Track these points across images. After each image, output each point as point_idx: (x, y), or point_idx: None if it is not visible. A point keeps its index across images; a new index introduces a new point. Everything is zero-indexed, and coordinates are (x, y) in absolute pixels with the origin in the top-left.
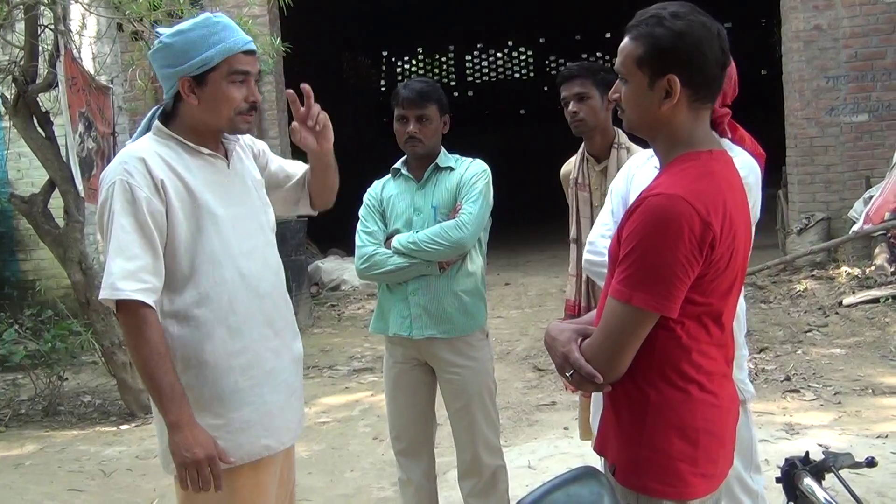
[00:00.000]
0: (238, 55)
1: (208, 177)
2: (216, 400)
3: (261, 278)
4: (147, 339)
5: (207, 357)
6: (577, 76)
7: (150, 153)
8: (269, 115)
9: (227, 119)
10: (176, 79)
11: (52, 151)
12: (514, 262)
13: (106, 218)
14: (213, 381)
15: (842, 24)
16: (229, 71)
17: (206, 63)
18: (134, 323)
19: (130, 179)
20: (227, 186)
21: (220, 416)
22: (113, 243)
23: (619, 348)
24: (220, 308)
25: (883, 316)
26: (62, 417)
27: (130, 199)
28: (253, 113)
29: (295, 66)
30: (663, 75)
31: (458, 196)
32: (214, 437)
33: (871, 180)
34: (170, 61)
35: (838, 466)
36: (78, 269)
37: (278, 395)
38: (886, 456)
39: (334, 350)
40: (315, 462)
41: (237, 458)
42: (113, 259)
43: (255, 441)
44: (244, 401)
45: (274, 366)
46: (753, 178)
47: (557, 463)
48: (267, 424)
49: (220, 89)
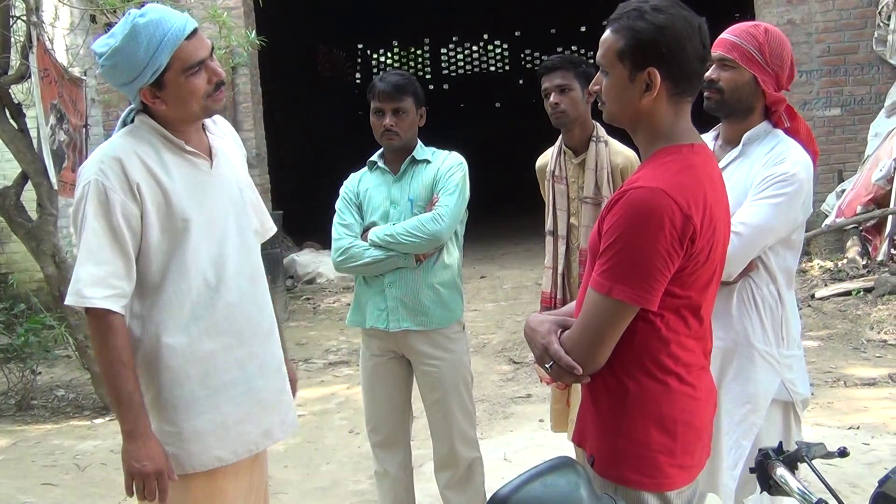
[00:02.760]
0: (183, 45)
1: (187, 179)
2: (171, 407)
3: (229, 287)
4: (111, 346)
5: (166, 364)
6: (558, 68)
7: (127, 153)
8: (244, 108)
9: (199, 107)
10: (136, 91)
11: (25, 143)
12: (490, 255)
13: (79, 218)
14: (170, 388)
15: (815, 18)
16: (182, 67)
17: (156, 69)
18: (99, 329)
19: (105, 181)
20: (205, 189)
21: (174, 424)
22: (83, 247)
23: (599, 340)
24: (181, 316)
25: (855, 308)
26: (35, 412)
27: (104, 202)
28: (222, 89)
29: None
30: (644, 68)
31: (435, 189)
32: (166, 445)
33: (844, 174)
34: (122, 79)
35: (811, 456)
36: (51, 263)
37: (237, 407)
38: (858, 447)
39: (310, 343)
40: (291, 455)
41: (189, 467)
42: (82, 265)
43: (208, 451)
44: (199, 410)
45: (235, 377)
46: (805, 174)
47: (533, 455)
48: (221, 436)
49: (182, 85)
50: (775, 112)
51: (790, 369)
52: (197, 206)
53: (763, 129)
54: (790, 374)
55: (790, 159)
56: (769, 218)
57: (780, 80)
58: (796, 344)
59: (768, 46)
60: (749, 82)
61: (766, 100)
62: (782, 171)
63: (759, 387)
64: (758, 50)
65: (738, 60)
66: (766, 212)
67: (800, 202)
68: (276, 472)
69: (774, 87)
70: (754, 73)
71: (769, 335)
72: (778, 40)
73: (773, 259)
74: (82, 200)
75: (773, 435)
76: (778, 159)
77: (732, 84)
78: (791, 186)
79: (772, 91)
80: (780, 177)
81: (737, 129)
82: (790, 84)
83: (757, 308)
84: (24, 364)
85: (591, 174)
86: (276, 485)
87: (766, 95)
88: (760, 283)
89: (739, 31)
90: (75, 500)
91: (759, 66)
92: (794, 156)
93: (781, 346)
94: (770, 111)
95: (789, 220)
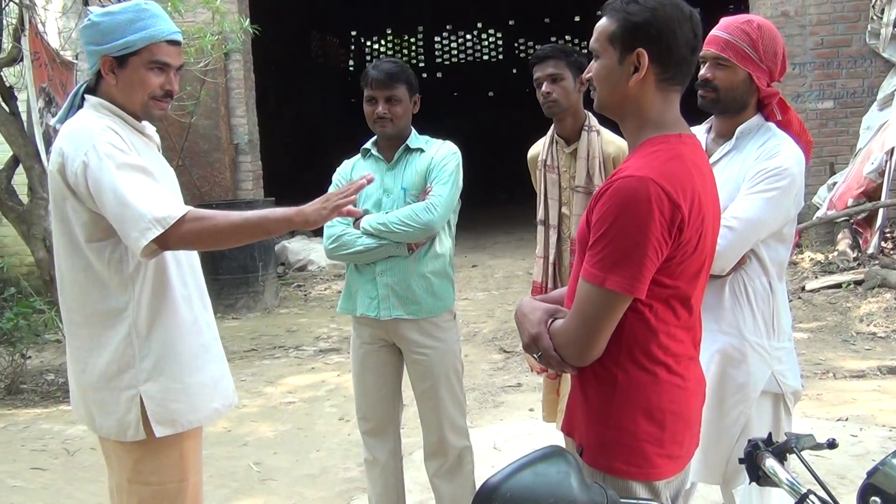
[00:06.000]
0: (161, 44)
1: (150, 158)
2: (176, 363)
3: (191, 254)
4: (217, 224)
5: (171, 321)
6: (550, 57)
7: (108, 125)
8: (237, 94)
9: (141, 103)
10: (98, 56)
11: (17, 127)
12: (482, 245)
13: (103, 181)
14: (175, 344)
15: (808, 10)
16: (150, 59)
17: (128, 46)
18: (197, 229)
19: (109, 141)
20: (162, 169)
21: (180, 381)
22: (128, 194)
23: (596, 332)
24: (178, 274)
25: (844, 301)
26: (25, 396)
27: (119, 153)
28: (168, 101)
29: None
30: (633, 50)
31: (428, 178)
32: (174, 402)
33: (836, 167)
34: (95, 39)
35: (800, 448)
36: (42, 247)
37: (219, 365)
38: (846, 438)
39: (300, 330)
40: (280, 442)
41: (196, 421)
42: (134, 206)
43: (208, 405)
44: (198, 366)
45: (211, 337)
46: (798, 168)
47: (523, 444)
48: (214, 389)
49: (139, 74)
50: (768, 105)
51: (780, 361)
52: (164, 182)
53: (756, 122)
54: (780, 366)
55: (783, 153)
56: (762, 212)
57: (773, 75)
58: (787, 336)
59: (762, 43)
60: (744, 80)
61: (760, 94)
62: (775, 166)
63: (750, 378)
64: (752, 47)
65: (733, 59)
66: (759, 206)
67: (792, 196)
68: (266, 458)
69: (768, 81)
70: (749, 70)
71: (760, 327)
72: (771, 35)
73: (764, 252)
74: (98, 164)
75: (764, 426)
76: (771, 153)
77: (728, 83)
78: (784, 180)
79: (765, 86)
80: (772, 171)
81: (730, 123)
82: (782, 76)
83: (749, 300)
84: (14, 348)
85: (582, 163)
86: (266, 471)
87: (760, 90)
88: (752, 276)
89: (733, 29)
90: (64, 484)
91: (754, 63)
92: (787, 150)
93: (772, 338)
94: (763, 104)
95: (781, 213)
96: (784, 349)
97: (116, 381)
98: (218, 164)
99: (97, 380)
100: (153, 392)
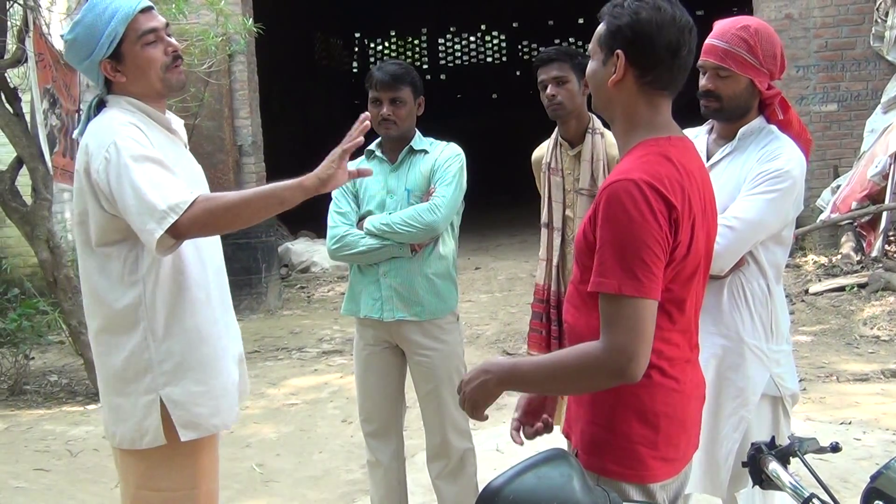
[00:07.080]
0: (137, 16)
1: (175, 153)
2: (199, 366)
3: (213, 254)
4: (228, 200)
5: (191, 322)
6: (554, 60)
7: (130, 121)
8: (241, 96)
9: (158, 79)
10: (96, 65)
11: (21, 128)
12: (485, 247)
13: (121, 176)
14: (198, 346)
15: (812, 13)
16: (137, 36)
17: (112, 38)
18: (209, 207)
19: (130, 135)
20: (186, 165)
21: (203, 383)
22: (143, 186)
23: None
24: (198, 275)
25: (848, 304)
26: (28, 397)
27: (138, 148)
28: (180, 63)
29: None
30: (613, 51)
31: (432, 179)
32: (198, 406)
33: (839, 170)
34: (83, 53)
35: (803, 451)
36: (45, 248)
37: (235, 367)
38: (849, 442)
39: (304, 332)
40: (283, 444)
41: (221, 425)
42: (149, 197)
43: (232, 407)
44: (219, 369)
45: (231, 339)
46: (799, 171)
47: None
48: (234, 393)
49: (139, 55)
50: (769, 105)
51: (778, 364)
52: (186, 179)
53: (758, 125)
54: (778, 369)
55: (784, 156)
56: (762, 213)
57: (773, 75)
58: (785, 339)
59: (760, 47)
60: (746, 87)
61: (762, 96)
62: (776, 168)
63: (749, 381)
64: (751, 53)
65: (734, 68)
66: (760, 207)
67: (792, 199)
68: (269, 460)
69: (769, 83)
70: (750, 76)
71: (759, 330)
72: (768, 37)
73: (763, 254)
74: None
75: (763, 430)
76: (772, 156)
77: (731, 93)
78: (785, 183)
79: (766, 88)
80: (773, 173)
81: (733, 125)
82: (781, 75)
83: (747, 303)
84: (17, 349)
85: (586, 166)
86: (269, 473)
87: (762, 93)
88: (751, 278)
89: (730, 37)
90: (67, 485)
91: (755, 69)
92: (789, 153)
93: (770, 341)
94: (764, 105)
95: (781, 215)
96: (782, 352)
97: (134, 385)
98: (221, 165)
99: (113, 384)
100: (176, 396)
